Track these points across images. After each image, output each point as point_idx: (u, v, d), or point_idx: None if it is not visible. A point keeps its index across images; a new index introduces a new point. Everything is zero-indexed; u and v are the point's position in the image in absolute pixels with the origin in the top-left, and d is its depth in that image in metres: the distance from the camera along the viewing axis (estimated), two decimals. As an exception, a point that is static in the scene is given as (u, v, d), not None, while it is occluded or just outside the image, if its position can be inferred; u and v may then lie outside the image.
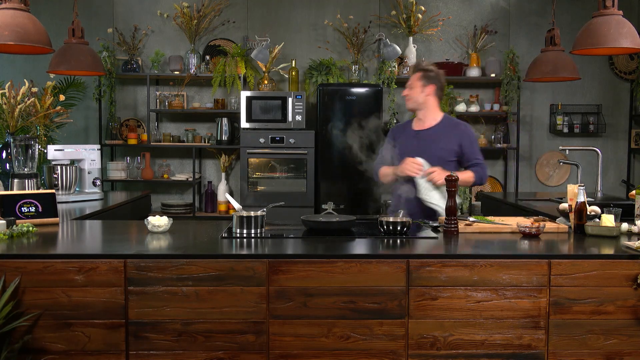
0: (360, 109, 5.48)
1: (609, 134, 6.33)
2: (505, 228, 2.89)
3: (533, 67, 4.41)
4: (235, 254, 2.42)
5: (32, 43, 3.21)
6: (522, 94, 6.10)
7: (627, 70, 6.25)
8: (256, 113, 5.59)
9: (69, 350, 2.33)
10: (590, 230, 2.76)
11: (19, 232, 2.68)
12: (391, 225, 2.76)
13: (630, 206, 3.14)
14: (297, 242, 2.70)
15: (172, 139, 6.02)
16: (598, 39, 3.32)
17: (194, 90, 6.18)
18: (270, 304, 2.35)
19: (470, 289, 2.37)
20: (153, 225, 2.80)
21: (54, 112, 4.26)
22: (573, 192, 2.83)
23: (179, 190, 6.31)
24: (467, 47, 6.13)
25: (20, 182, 3.61)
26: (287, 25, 6.14)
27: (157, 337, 2.34)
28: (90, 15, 5.96)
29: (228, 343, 2.35)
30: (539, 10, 6.17)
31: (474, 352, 2.39)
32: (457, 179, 2.79)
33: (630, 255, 2.40)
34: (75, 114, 5.95)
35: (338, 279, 2.35)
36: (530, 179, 6.36)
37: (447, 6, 6.17)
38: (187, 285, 2.33)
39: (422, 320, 2.38)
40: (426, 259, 2.38)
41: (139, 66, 5.92)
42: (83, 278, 2.31)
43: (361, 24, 5.98)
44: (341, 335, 2.36)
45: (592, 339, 2.40)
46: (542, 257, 2.39)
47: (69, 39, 4.16)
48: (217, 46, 6.07)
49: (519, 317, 2.38)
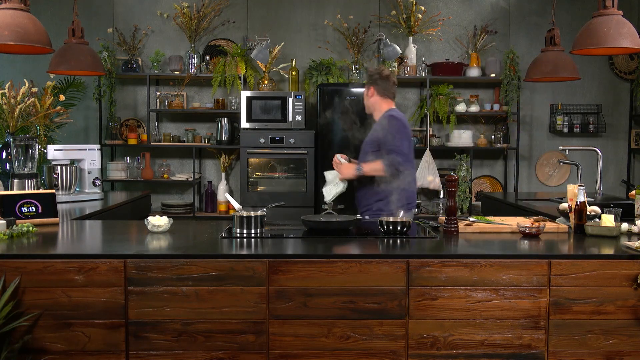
0: (360, 109, 5.46)
1: (609, 134, 6.33)
2: (505, 228, 2.90)
3: (533, 67, 4.40)
4: (235, 254, 2.42)
5: (32, 43, 3.21)
6: (522, 94, 6.10)
7: (627, 70, 6.24)
8: (256, 113, 5.59)
9: (69, 350, 2.33)
10: (590, 230, 2.76)
11: (19, 232, 2.68)
12: (391, 225, 2.76)
13: (630, 206, 3.14)
14: (297, 242, 2.70)
15: (172, 139, 6.02)
16: (598, 39, 3.32)
17: (194, 90, 6.18)
18: (270, 304, 2.35)
19: (470, 289, 2.37)
20: (153, 225, 2.80)
21: (54, 112, 4.26)
22: (573, 192, 2.83)
23: (179, 190, 6.31)
24: (467, 47, 6.13)
25: (20, 182, 3.61)
26: (287, 25, 6.14)
27: (157, 337, 2.34)
28: (90, 15, 5.96)
29: (228, 343, 2.35)
30: (539, 10, 6.17)
31: (474, 352, 2.39)
32: (457, 179, 2.79)
33: (630, 255, 2.40)
34: (75, 114, 5.95)
35: (338, 279, 2.35)
36: (530, 179, 6.36)
37: (447, 6, 6.17)
38: (187, 285, 2.33)
39: (422, 320, 2.38)
40: (426, 259, 2.38)
41: (139, 66, 5.92)
42: (83, 278, 2.31)
43: (361, 24, 5.98)
44: (341, 335, 2.36)
45: (592, 339, 2.40)
46: (542, 257, 2.39)
47: (69, 39, 4.16)
48: (217, 46, 6.07)
49: (519, 317, 2.39)
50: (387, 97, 3.52)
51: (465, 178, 5.56)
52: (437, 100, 5.88)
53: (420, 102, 6.18)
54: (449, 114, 5.91)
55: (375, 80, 3.50)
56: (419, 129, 6.10)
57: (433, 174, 5.77)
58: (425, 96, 5.95)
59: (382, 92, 3.49)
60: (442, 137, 6.18)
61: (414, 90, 6.25)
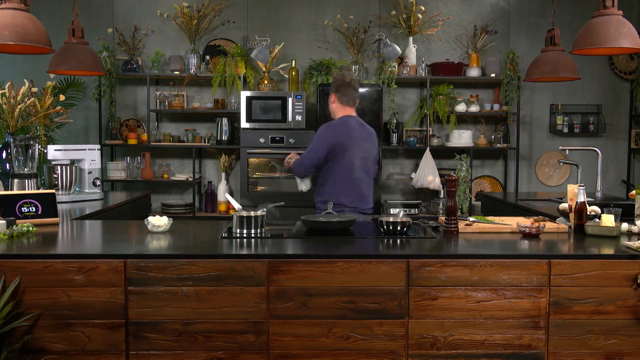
0: (360, 108, 5.46)
1: (609, 134, 6.33)
2: (505, 228, 2.89)
3: (533, 67, 4.40)
4: (235, 254, 2.42)
5: (32, 43, 3.21)
6: (522, 94, 6.10)
7: (627, 70, 6.25)
8: (256, 113, 5.59)
9: (69, 350, 2.33)
10: (590, 230, 2.76)
11: (19, 232, 2.68)
12: (391, 225, 2.76)
13: (630, 206, 3.14)
14: (297, 242, 2.70)
15: (172, 139, 6.02)
16: (598, 39, 3.32)
17: (194, 90, 6.19)
18: (270, 304, 2.35)
19: (470, 289, 2.37)
20: (153, 225, 2.80)
21: (54, 112, 4.26)
22: (573, 192, 2.83)
23: (179, 190, 6.31)
24: (467, 47, 6.13)
25: (20, 182, 3.61)
26: (287, 25, 6.14)
27: (157, 337, 2.34)
28: (90, 15, 5.97)
29: (228, 343, 2.35)
30: (539, 10, 6.17)
31: (474, 352, 2.39)
32: (457, 179, 2.80)
33: (630, 255, 2.40)
34: (75, 114, 5.95)
35: (338, 279, 2.35)
36: (530, 179, 6.36)
37: (447, 6, 6.17)
38: (187, 285, 2.33)
39: (422, 320, 2.38)
40: (426, 259, 2.38)
41: (139, 66, 5.92)
42: (83, 278, 2.31)
43: (361, 24, 5.98)
44: (341, 335, 2.36)
45: (592, 339, 2.40)
46: (542, 257, 2.39)
47: (69, 39, 4.16)
48: (217, 46, 6.07)
49: (519, 317, 2.39)
50: (345, 104, 3.63)
51: (465, 178, 5.56)
52: (437, 100, 5.88)
53: (420, 102, 6.18)
54: (449, 114, 5.91)
55: (337, 87, 3.61)
56: (419, 129, 6.10)
57: (433, 174, 5.78)
58: (425, 96, 5.96)
59: (342, 98, 3.62)
60: (442, 137, 6.18)
61: (414, 90, 6.25)
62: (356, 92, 3.63)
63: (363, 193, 3.60)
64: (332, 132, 3.54)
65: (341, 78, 3.62)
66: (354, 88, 3.61)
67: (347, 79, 3.60)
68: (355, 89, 3.62)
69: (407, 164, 6.28)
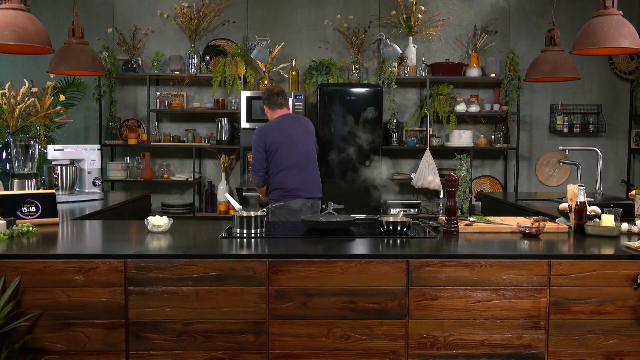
0: (361, 109, 5.48)
1: (609, 134, 6.33)
2: (505, 228, 2.90)
3: (533, 67, 4.40)
4: (235, 254, 2.42)
5: (32, 43, 3.21)
6: (522, 94, 6.11)
7: (627, 70, 6.24)
8: (256, 113, 5.58)
9: (69, 350, 2.33)
10: (590, 230, 2.76)
11: (19, 232, 2.68)
12: (391, 225, 2.77)
13: (630, 206, 3.14)
14: (297, 242, 2.70)
15: (172, 139, 6.02)
16: (598, 39, 3.32)
17: (194, 90, 6.18)
18: (270, 304, 2.35)
19: (470, 289, 2.37)
20: (153, 225, 2.80)
21: (54, 112, 4.26)
22: (573, 192, 2.83)
23: (179, 190, 6.31)
24: (467, 47, 6.13)
25: (20, 182, 3.61)
26: (287, 25, 6.14)
27: (157, 337, 2.34)
28: (90, 15, 5.96)
29: (228, 343, 2.35)
30: (539, 10, 6.17)
31: (474, 352, 2.39)
32: (457, 179, 2.80)
33: (630, 255, 2.40)
34: (75, 114, 5.95)
35: (338, 279, 2.35)
36: (530, 179, 6.36)
37: (447, 6, 6.17)
38: (187, 285, 2.33)
39: (422, 320, 2.38)
40: (426, 259, 2.38)
41: (139, 66, 5.92)
42: (83, 278, 2.31)
43: (361, 24, 5.98)
44: (341, 335, 2.37)
45: (592, 339, 2.40)
46: (542, 257, 2.39)
47: (69, 39, 4.16)
48: (217, 46, 6.07)
49: (519, 317, 2.39)
50: (276, 107, 4.15)
51: (465, 178, 5.56)
52: (437, 100, 5.88)
53: (420, 102, 6.18)
54: (449, 114, 5.91)
55: (264, 99, 4.16)
56: (419, 129, 6.09)
57: (433, 174, 5.78)
58: (425, 96, 5.95)
59: (270, 105, 4.15)
60: (442, 137, 6.18)
61: (414, 90, 6.25)
62: (282, 97, 4.13)
63: (306, 181, 4.03)
64: (262, 133, 4.00)
65: (266, 90, 4.16)
66: (279, 94, 4.12)
67: (271, 91, 4.13)
68: (280, 95, 4.13)
69: (407, 164, 6.29)
